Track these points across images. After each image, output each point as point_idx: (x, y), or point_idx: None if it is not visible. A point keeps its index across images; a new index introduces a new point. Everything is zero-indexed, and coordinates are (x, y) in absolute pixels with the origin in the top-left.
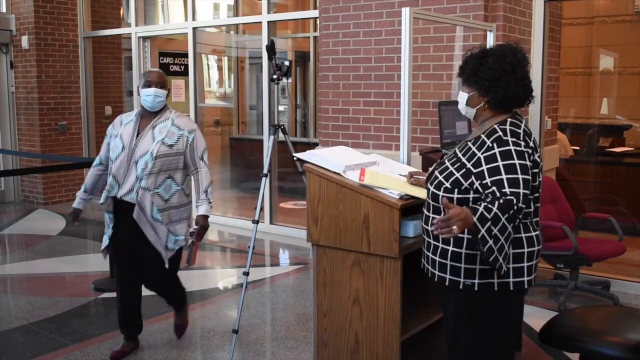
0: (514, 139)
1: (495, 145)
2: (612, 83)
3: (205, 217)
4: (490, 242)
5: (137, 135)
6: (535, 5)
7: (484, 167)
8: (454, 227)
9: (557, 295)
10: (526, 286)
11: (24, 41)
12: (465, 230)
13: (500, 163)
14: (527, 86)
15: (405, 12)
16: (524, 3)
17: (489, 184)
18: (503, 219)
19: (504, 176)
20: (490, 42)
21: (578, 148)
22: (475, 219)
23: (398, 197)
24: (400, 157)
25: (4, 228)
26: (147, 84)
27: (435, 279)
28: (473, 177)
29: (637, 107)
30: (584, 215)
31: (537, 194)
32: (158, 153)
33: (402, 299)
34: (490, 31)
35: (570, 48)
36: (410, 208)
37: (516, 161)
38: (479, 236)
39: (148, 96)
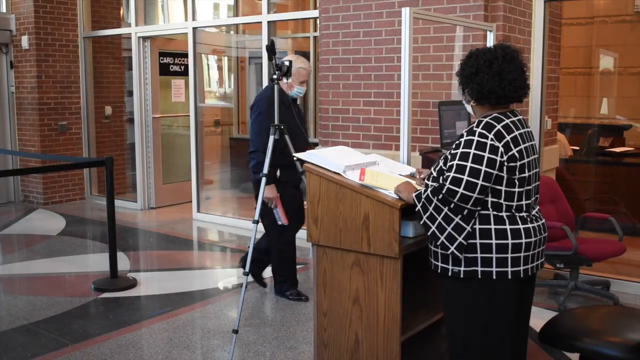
0: (484, 131)
1: (464, 134)
2: (612, 83)
3: None
4: (425, 217)
5: None
6: (535, 5)
7: (451, 152)
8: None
9: (557, 295)
10: (510, 276)
11: (24, 41)
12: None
13: (459, 150)
14: (504, 80)
15: (405, 12)
16: (524, 3)
17: (445, 168)
18: (435, 200)
19: (455, 162)
20: (490, 42)
21: (578, 148)
22: (413, 195)
23: (398, 197)
24: (400, 157)
25: (4, 228)
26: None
27: (432, 267)
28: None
29: (637, 107)
30: (584, 215)
31: (523, 190)
32: None
33: (402, 299)
34: (490, 31)
35: (570, 48)
36: (410, 208)
37: (472, 150)
38: (416, 210)
39: None
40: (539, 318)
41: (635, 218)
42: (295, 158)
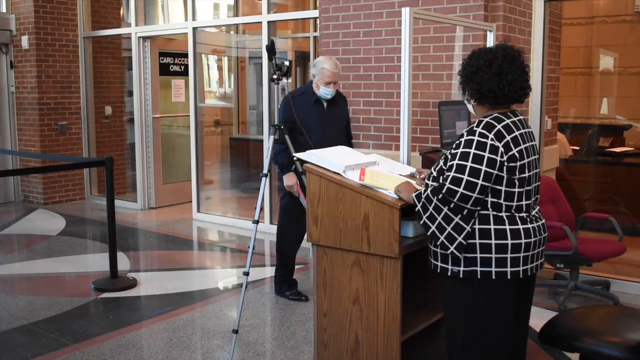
0: (484, 131)
1: (464, 134)
2: (612, 83)
3: None
4: (425, 217)
5: None
6: (535, 5)
7: (451, 152)
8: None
9: (557, 295)
10: (509, 277)
11: (24, 41)
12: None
13: (459, 150)
14: (504, 81)
15: (405, 12)
16: (524, 3)
17: (445, 168)
18: (435, 200)
19: (455, 162)
20: (490, 42)
21: (578, 148)
22: (413, 195)
23: (398, 197)
24: (400, 157)
25: (4, 228)
26: None
27: (432, 267)
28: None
29: (637, 107)
30: (584, 215)
31: (523, 190)
32: None
33: (402, 299)
34: (490, 31)
35: (570, 48)
36: (410, 208)
37: (472, 150)
38: (416, 210)
39: None
40: (539, 318)
41: (635, 218)
42: (295, 158)
